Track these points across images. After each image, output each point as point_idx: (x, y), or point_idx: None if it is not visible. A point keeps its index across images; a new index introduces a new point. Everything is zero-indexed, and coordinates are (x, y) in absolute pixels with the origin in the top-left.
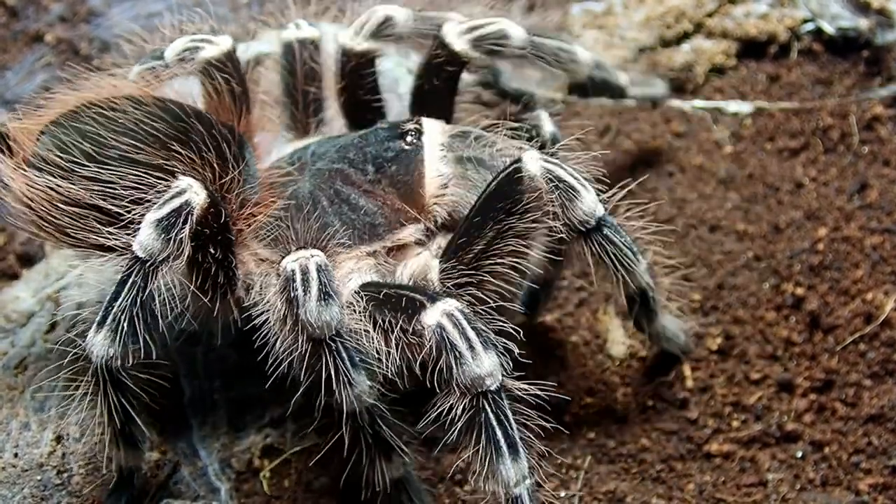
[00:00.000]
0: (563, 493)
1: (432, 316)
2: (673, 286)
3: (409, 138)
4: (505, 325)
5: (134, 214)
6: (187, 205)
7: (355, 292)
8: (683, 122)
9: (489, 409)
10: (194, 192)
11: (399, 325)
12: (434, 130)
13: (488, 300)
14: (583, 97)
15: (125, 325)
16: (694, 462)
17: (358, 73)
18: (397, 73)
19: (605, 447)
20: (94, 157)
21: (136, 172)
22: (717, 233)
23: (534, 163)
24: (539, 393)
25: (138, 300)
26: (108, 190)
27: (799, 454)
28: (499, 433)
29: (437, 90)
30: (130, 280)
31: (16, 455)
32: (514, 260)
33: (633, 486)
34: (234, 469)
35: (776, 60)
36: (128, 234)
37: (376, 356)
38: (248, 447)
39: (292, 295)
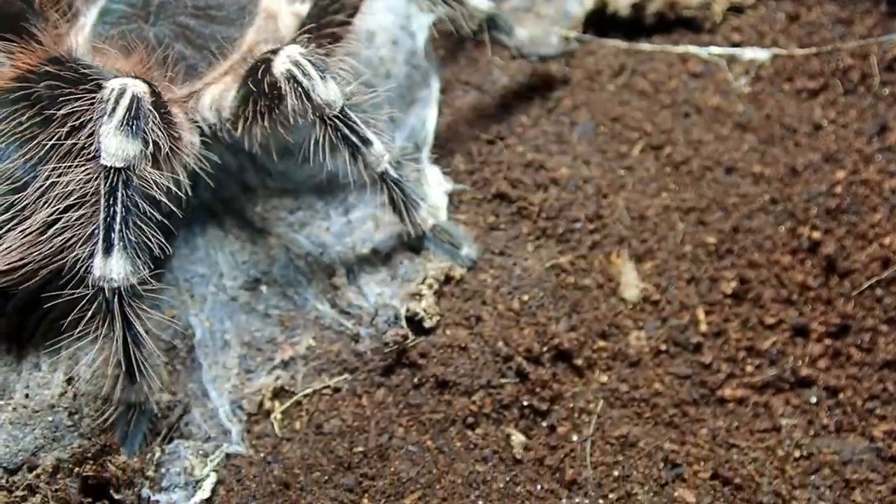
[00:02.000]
0: (575, 437)
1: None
2: (687, 229)
3: None
4: None
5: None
6: (137, 98)
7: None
8: (700, 62)
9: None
10: (134, 85)
11: None
12: None
13: None
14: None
15: (133, 236)
16: (707, 407)
17: None
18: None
19: (617, 391)
20: (21, 184)
21: (64, 149)
22: (732, 175)
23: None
24: None
25: (136, 206)
26: (58, 189)
27: (813, 400)
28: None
29: None
30: (119, 193)
31: (27, 396)
32: None
33: (645, 430)
34: (245, 410)
35: None
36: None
37: None
38: (259, 389)
39: (300, 88)
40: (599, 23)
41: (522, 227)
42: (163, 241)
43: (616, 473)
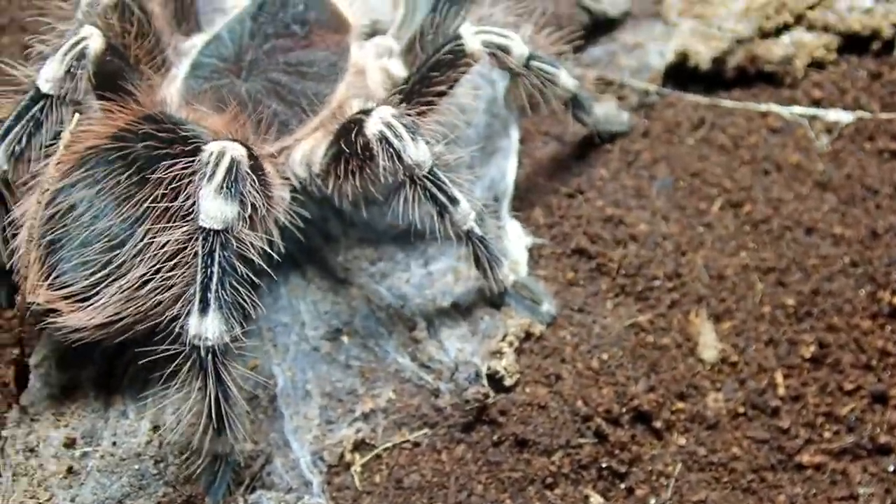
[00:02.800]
0: (653, 501)
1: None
2: (766, 289)
3: None
4: None
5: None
6: (235, 162)
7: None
8: (780, 117)
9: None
10: (233, 149)
11: None
12: None
13: None
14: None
15: (228, 296)
16: (785, 473)
17: None
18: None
19: (695, 455)
20: (118, 242)
21: (160, 208)
22: (812, 235)
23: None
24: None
25: (232, 267)
26: (154, 248)
27: (891, 468)
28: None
29: None
30: (216, 255)
31: (114, 444)
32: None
33: (723, 495)
34: (325, 462)
35: (878, 57)
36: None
37: None
38: (340, 441)
39: (392, 149)
40: (678, 75)
41: (601, 284)
42: (255, 299)
43: None
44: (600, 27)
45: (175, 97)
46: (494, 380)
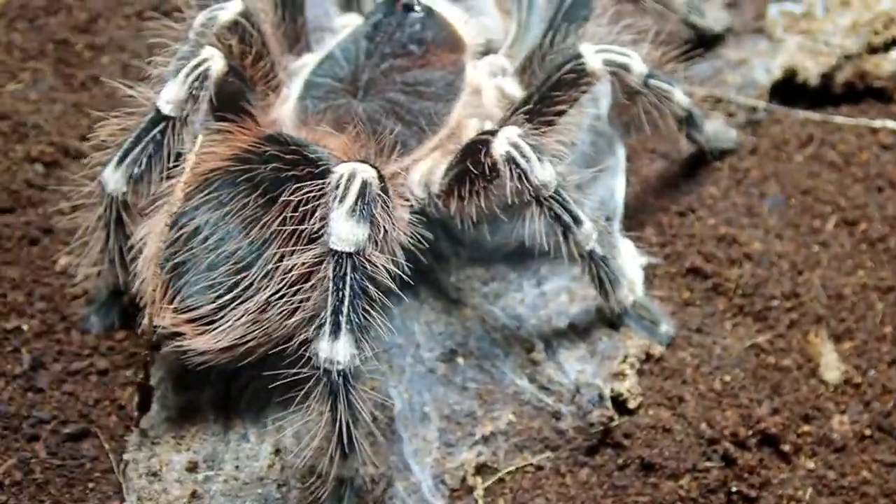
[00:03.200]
0: None
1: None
2: (887, 309)
3: (416, 8)
4: None
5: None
6: (367, 184)
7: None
8: (892, 133)
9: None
10: (364, 171)
11: None
12: None
13: None
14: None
15: (359, 320)
16: None
17: None
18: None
19: (825, 479)
20: (244, 265)
21: (288, 231)
22: None
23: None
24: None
25: (363, 289)
26: (282, 270)
27: None
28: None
29: None
30: (348, 277)
31: (236, 467)
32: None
33: None
34: (447, 486)
35: None
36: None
37: None
38: (461, 464)
39: (519, 170)
40: (784, 91)
41: (718, 304)
42: (386, 321)
43: None
44: (705, 43)
45: (289, 117)
46: (617, 402)
